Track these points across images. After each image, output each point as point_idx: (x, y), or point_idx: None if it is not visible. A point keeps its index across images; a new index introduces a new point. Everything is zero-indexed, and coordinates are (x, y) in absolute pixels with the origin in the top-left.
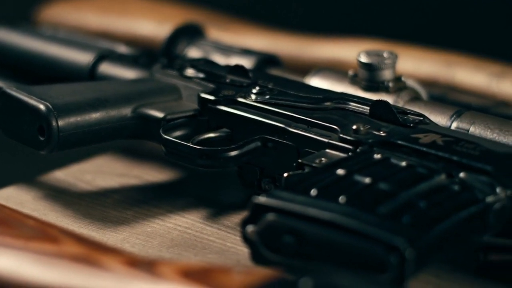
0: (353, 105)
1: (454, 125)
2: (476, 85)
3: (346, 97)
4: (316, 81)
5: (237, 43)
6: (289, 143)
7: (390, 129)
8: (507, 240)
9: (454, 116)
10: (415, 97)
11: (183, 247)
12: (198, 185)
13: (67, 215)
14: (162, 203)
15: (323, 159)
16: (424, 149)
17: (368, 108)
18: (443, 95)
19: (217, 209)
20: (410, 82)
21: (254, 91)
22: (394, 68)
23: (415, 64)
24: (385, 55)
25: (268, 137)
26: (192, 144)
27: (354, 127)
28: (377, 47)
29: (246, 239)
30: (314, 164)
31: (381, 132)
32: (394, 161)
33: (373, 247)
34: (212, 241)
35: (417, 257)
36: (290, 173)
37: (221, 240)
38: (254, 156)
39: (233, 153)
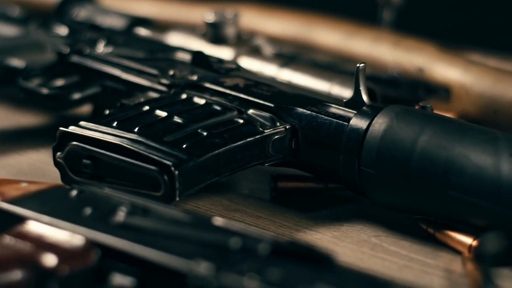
0: (180, 55)
1: (281, 72)
2: (330, 44)
3: (175, 49)
4: (173, 38)
5: (129, 9)
6: (122, 88)
7: (203, 74)
8: (293, 169)
9: (281, 65)
10: (254, 51)
11: (25, 175)
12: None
13: None
14: (26, 141)
15: (141, 99)
16: (224, 90)
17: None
18: (295, 53)
19: None
20: (259, 40)
21: (101, 45)
22: (235, 25)
23: (282, 25)
24: (227, 15)
25: (106, 83)
26: (44, 90)
27: (171, 72)
28: (252, 11)
29: (56, 163)
30: (131, 103)
31: (194, 77)
32: (195, 100)
33: (150, 167)
34: (53, 171)
35: (187, 177)
36: (111, 110)
37: None
38: (96, 99)
39: (76, 96)
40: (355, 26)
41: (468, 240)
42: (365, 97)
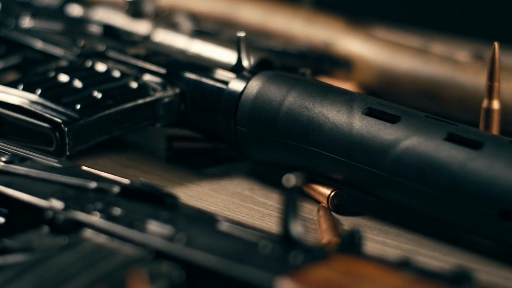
0: (93, 29)
1: (192, 44)
2: (252, 21)
3: (90, 23)
4: (100, 13)
5: None
6: (41, 57)
7: (110, 45)
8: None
9: (190, 37)
10: (171, 26)
11: None
12: None
13: None
14: None
15: (52, 66)
16: (125, 58)
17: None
18: (215, 30)
19: None
20: (179, 16)
21: (27, 20)
22: (153, 2)
23: (206, 3)
24: None
25: (27, 53)
26: None
27: (82, 43)
28: None
29: None
30: (40, 70)
31: (102, 47)
32: (98, 67)
33: (44, 125)
34: None
35: (77, 134)
36: (21, 75)
37: None
38: (20, 68)
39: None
40: (275, 4)
41: (327, 191)
42: (245, 63)
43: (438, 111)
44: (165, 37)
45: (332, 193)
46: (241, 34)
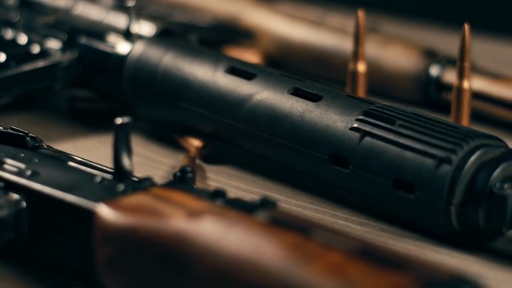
0: (10, 2)
1: (106, 16)
2: None
3: None
4: None
5: None
6: None
7: (23, 16)
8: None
9: (106, 10)
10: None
11: None
12: None
13: None
14: None
15: None
16: (33, 27)
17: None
18: (136, 6)
19: None
20: None
21: None
22: None
23: None
24: None
25: None
26: None
27: None
28: None
29: None
30: None
31: (15, 17)
32: (8, 34)
33: None
34: None
35: None
36: None
37: None
38: None
39: None
40: None
41: (197, 143)
42: (134, 29)
43: (329, 77)
44: (83, 9)
45: (201, 145)
46: (131, 3)
